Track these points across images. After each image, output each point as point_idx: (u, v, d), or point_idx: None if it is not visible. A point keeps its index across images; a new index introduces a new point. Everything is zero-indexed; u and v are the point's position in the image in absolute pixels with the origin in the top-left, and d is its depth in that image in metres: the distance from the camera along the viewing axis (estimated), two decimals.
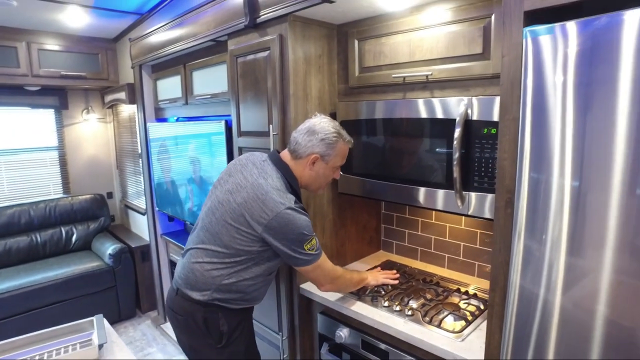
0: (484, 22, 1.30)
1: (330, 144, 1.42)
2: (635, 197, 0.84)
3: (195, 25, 2.14)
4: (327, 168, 1.47)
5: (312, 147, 1.42)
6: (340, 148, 1.45)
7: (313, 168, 1.45)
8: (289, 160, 1.48)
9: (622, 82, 0.84)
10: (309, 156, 1.43)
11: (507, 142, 1.03)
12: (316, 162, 1.44)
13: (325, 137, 1.41)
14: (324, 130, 1.42)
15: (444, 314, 1.47)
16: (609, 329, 0.90)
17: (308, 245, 1.38)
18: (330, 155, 1.44)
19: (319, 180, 1.50)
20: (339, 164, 1.49)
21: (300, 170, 1.47)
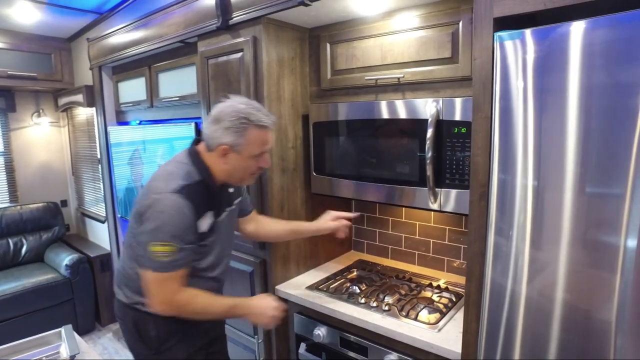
0: (453, 28, 1.38)
1: (238, 132, 1.21)
2: (585, 195, 0.94)
3: (163, 26, 2.09)
4: (242, 159, 1.25)
5: (219, 138, 1.23)
6: (253, 134, 1.23)
7: (226, 161, 1.26)
8: (204, 150, 1.30)
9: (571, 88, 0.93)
10: (218, 148, 1.24)
11: (480, 139, 1.10)
12: (227, 154, 1.24)
13: (231, 125, 1.21)
14: (228, 117, 1.21)
15: (419, 307, 1.53)
16: (567, 312, 0.99)
17: (156, 248, 1.15)
18: (242, 144, 1.23)
19: (237, 174, 1.30)
20: (256, 152, 1.26)
21: (214, 163, 1.28)
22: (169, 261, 1.16)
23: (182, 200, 1.17)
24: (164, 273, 1.18)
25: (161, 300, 1.21)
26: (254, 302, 1.36)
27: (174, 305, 1.22)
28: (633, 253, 0.88)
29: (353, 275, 1.91)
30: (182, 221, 1.17)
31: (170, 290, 1.20)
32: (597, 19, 0.88)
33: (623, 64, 0.86)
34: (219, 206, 1.34)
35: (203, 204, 1.24)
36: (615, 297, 0.91)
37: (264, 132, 1.26)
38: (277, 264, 1.80)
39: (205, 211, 1.26)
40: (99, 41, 2.68)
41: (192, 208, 1.19)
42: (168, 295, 1.20)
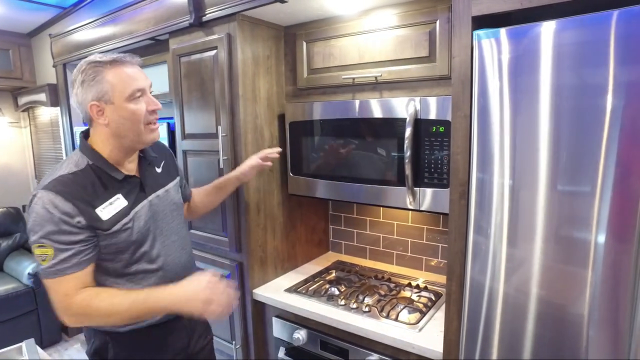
0: (430, 27, 1.38)
1: (95, 80, 1.06)
2: (556, 192, 0.96)
3: (132, 22, 2.01)
4: (120, 107, 1.08)
5: (84, 99, 1.08)
6: (111, 75, 1.06)
7: (105, 120, 1.09)
8: (91, 134, 1.16)
9: (543, 89, 0.94)
10: (90, 112, 1.08)
11: (459, 138, 1.10)
12: (101, 110, 1.08)
13: (85, 78, 1.06)
14: (79, 72, 1.08)
15: (399, 307, 1.52)
16: (542, 307, 1.01)
17: (35, 251, 1.03)
18: (107, 91, 1.06)
19: (127, 130, 1.11)
20: (128, 91, 1.07)
21: (97, 134, 1.12)
22: (48, 266, 1.02)
23: (50, 195, 1.02)
24: (50, 279, 1.03)
25: (59, 308, 1.05)
26: (178, 288, 1.07)
27: (73, 311, 1.04)
28: (601, 246, 0.90)
29: (332, 276, 1.89)
30: (50, 219, 1.01)
31: (63, 295, 1.04)
32: (566, 19, 0.90)
33: (590, 66, 0.88)
34: (134, 191, 1.17)
35: (98, 190, 1.09)
36: (587, 292, 0.94)
37: (122, 68, 1.08)
38: (254, 267, 1.76)
39: (105, 197, 1.09)
40: (62, 37, 2.55)
41: (67, 200, 1.02)
42: (63, 301, 1.04)
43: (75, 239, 1.04)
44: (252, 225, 1.73)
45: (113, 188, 1.12)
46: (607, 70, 0.86)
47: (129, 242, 1.13)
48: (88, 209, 1.05)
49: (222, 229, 1.78)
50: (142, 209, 1.17)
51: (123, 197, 1.13)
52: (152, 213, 1.20)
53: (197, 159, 1.82)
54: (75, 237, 1.04)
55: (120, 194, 1.13)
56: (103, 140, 1.12)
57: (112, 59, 1.08)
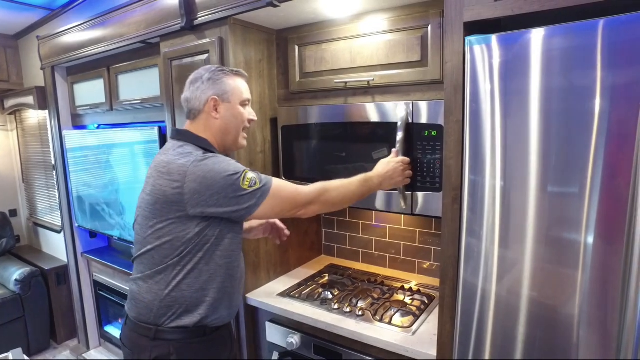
0: (422, 32, 1.39)
1: (220, 80, 1.25)
2: (546, 193, 0.97)
3: (122, 25, 1.99)
4: (234, 107, 1.27)
5: (204, 92, 1.24)
6: (233, 81, 1.28)
7: (218, 114, 1.26)
8: (190, 127, 1.29)
9: (533, 92, 0.96)
10: (207, 104, 1.25)
11: (452, 143, 1.11)
12: (218, 105, 1.25)
13: (210, 76, 1.25)
14: (204, 72, 1.27)
15: (392, 311, 1.53)
16: (533, 308, 1.03)
17: (245, 183, 1.15)
18: (227, 91, 1.26)
19: (232, 125, 1.28)
20: (243, 98, 1.29)
21: (205, 126, 1.27)
22: (261, 178, 1.19)
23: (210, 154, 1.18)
24: (274, 186, 1.19)
25: (302, 200, 1.23)
26: (380, 169, 1.36)
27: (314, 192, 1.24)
28: (590, 247, 0.92)
29: (325, 280, 1.89)
30: (227, 159, 1.18)
31: (293, 188, 1.24)
32: (555, 27, 0.92)
33: (578, 70, 0.90)
34: None
35: None
36: (578, 293, 0.95)
37: (242, 80, 1.31)
38: (247, 272, 1.74)
39: None
40: (51, 39, 2.52)
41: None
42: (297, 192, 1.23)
43: None
44: None
45: None
46: (595, 74, 0.88)
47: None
48: None
49: None
50: None
51: None
52: None
53: None
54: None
55: None
56: (212, 134, 1.27)
57: (237, 70, 1.31)
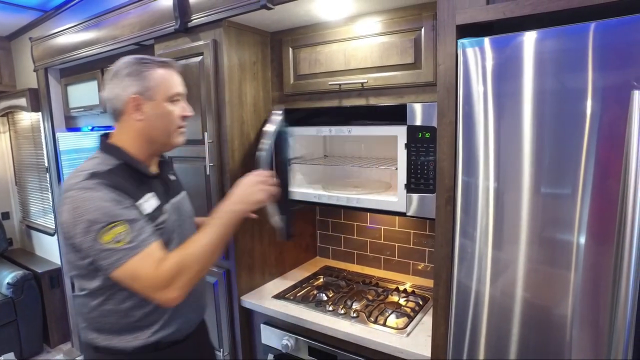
0: (415, 35, 1.40)
1: (141, 74, 1.08)
2: (540, 195, 0.98)
3: (116, 27, 1.99)
4: (160, 105, 1.10)
5: (123, 91, 1.07)
6: (158, 74, 1.10)
7: (142, 115, 1.09)
8: (114, 132, 1.15)
9: (526, 94, 0.97)
10: (127, 104, 1.08)
11: (445, 145, 1.11)
12: (140, 105, 1.08)
13: (130, 70, 1.08)
14: (123, 65, 1.09)
15: (387, 312, 1.53)
16: (526, 308, 1.03)
17: (108, 236, 0.95)
18: (151, 87, 1.08)
19: (161, 128, 1.12)
20: (171, 92, 1.12)
21: (126, 129, 1.11)
22: (129, 242, 0.96)
23: (93, 181, 0.99)
24: (135, 256, 0.97)
25: (155, 284, 0.98)
26: (235, 192, 1.16)
27: (170, 274, 0.98)
28: (583, 248, 0.93)
29: (319, 282, 1.89)
30: (105, 197, 0.97)
31: (156, 262, 0.98)
32: (547, 30, 0.93)
33: (570, 72, 0.91)
34: (160, 190, 1.16)
35: (132, 186, 1.07)
36: (570, 293, 0.96)
37: (169, 72, 1.13)
38: (241, 274, 1.75)
39: (140, 193, 1.07)
40: (44, 41, 2.50)
41: (111, 187, 0.99)
42: (156, 270, 0.98)
43: (134, 214, 1.01)
44: (240, 231, 1.72)
45: (146, 186, 1.12)
46: (586, 76, 0.89)
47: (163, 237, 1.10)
48: (131, 201, 1.03)
49: None
50: (170, 207, 1.17)
51: (156, 196, 1.13)
52: (176, 217, 1.19)
53: (183, 165, 1.80)
54: (134, 213, 1.01)
55: (153, 192, 1.13)
56: (133, 138, 1.11)
57: (162, 60, 1.13)
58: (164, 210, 1.14)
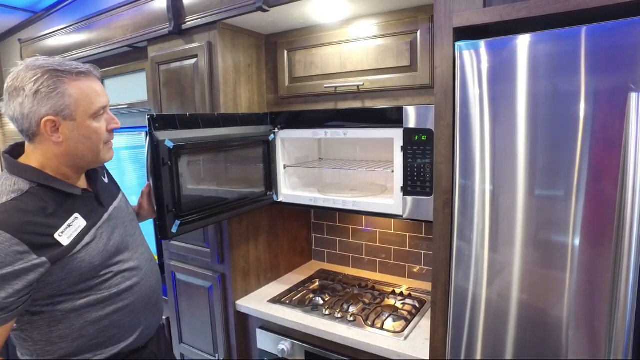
0: (411, 37, 1.40)
1: (54, 92, 0.90)
2: (534, 197, 0.98)
3: (109, 28, 1.97)
4: (83, 124, 0.95)
5: (35, 112, 0.90)
6: (75, 88, 0.93)
7: (61, 136, 0.94)
8: (29, 151, 0.98)
9: (520, 97, 0.97)
10: (41, 127, 0.92)
11: (442, 147, 1.11)
12: (57, 126, 0.93)
13: (39, 87, 0.89)
14: (28, 79, 0.89)
15: (384, 316, 1.52)
16: (523, 310, 1.03)
17: None
18: (69, 105, 0.92)
19: (85, 147, 0.98)
20: (94, 108, 0.96)
21: (46, 151, 0.96)
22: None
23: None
24: None
25: None
26: None
27: None
28: (578, 249, 0.93)
29: (315, 285, 1.88)
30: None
31: None
32: (540, 33, 0.94)
33: (564, 75, 0.91)
34: (89, 208, 1.04)
35: (47, 216, 0.93)
36: (566, 295, 0.96)
37: (88, 82, 0.96)
38: (236, 278, 1.73)
39: (60, 220, 0.95)
40: (34, 43, 2.47)
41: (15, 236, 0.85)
42: None
43: (12, 291, 0.85)
44: (235, 235, 1.70)
45: (68, 207, 0.98)
46: (579, 79, 0.89)
47: (94, 263, 1.00)
48: (43, 239, 0.90)
49: (204, 240, 1.75)
50: (103, 224, 1.06)
51: (81, 217, 1.00)
52: (114, 227, 1.09)
53: None
54: (13, 288, 0.85)
55: (77, 213, 1.00)
56: (50, 158, 0.97)
57: (78, 71, 0.95)
58: (93, 231, 1.02)
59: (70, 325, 1.00)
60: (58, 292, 0.96)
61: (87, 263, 0.99)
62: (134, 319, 1.10)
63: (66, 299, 0.98)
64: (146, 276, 1.16)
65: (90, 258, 1.00)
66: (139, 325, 1.12)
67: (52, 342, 1.00)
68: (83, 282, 0.99)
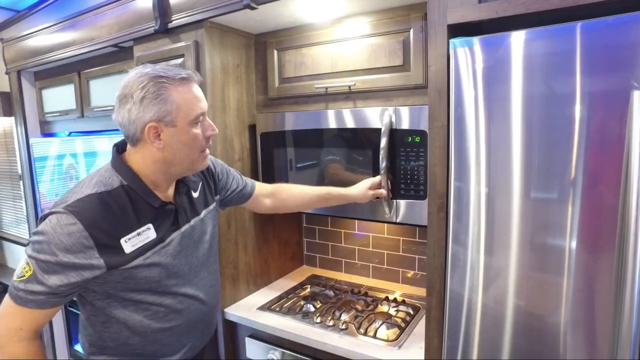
0: (404, 36, 1.36)
1: (159, 98, 0.92)
2: (530, 199, 0.95)
3: (94, 27, 1.91)
4: (182, 131, 0.96)
5: (139, 118, 0.92)
6: (178, 94, 0.94)
7: (162, 143, 0.95)
8: (130, 151, 1.01)
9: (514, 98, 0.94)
10: (145, 132, 0.93)
11: (436, 149, 1.07)
12: (159, 133, 0.94)
13: (145, 94, 0.91)
14: (136, 86, 0.92)
15: (377, 323, 1.47)
16: (519, 316, 1.00)
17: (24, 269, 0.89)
18: (171, 112, 0.93)
19: (183, 154, 0.99)
20: (193, 115, 0.97)
21: (144, 156, 0.98)
22: (17, 285, 0.88)
23: (69, 219, 0.88)
24: (10, 302, 0.89)
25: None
26: None
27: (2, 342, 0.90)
28: (575, 253, 0.90)
29: (306, 292, 1.82)
30: (55, 247, 0.87)
31: (8, 324, 0.90)
32: (534, 29, 0.90)
33: (559, 76, 0.89)
34: (166, 220, 1.04)
35: (122, 218, 0.95)
36: (563, 300, 0.93)
37: (189, 87, 0.97)
38: (225, 285, 1.67)
39: (130, 227, 0.96)
40: (16, 42, 2.40)
41: (86, 229, 0.89)
42: (3, 328, 0.90)
43: (66, 281, 0.89)
44: (223, 240, 1.65)
45: (145, 216, 0.99)
46: (574, 79, 0.87)
47: (150, 280, 1.00)
48: (110, 240, 0.93)
49: None
50: (171, 242, 1.04)
51: (154, 229, 1.00)
52: (183, 247, 1.08)
53: None
54: (68, 279, 0.89)
55: (151, 225, 1.00)
56: (147, 163, 0.98)
57: (181, 77, 0.95)
58: (159, 247, 1.02)
59: (119, 330, 1.02)
60: (114, 293, 0.98)
61: (142, 276, 0.99)
62: (177, 340, 1.11)
63: (119, 304, 1.00)
64: (200, 302, 1.14)
65: (147, 272, 1.00)
66: (182, 347, 1.12)
67: (103, 340, 1.03)
68: (136, 291, 1.00)
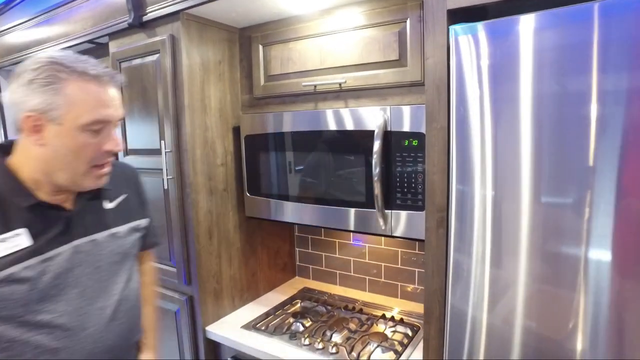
0: (399, 27, 1.22)
1: (48, 86, 0.75)
2: (540, 204, 0.85)
3: (68, 23, 1.78)
4: (69, 133, 0.78)
5: (21, 102, 0.76)
6: (75, 89, 0.77)
7: (41, 140, 0.78)
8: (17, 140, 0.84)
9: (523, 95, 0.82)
10: (23, 122, 0.77)
11: (435, 154, 0.93)
12: (39, 125, 0.77)
13: (35, 77, 0.75)
14: (32, 67, 0.76)
15: (371, 346, 1.33)
16: (529, 340, 0.88)
17: None
18: (59, 106, 0.76)
19: (62, 161, 0.81)
20: (88, 119, 0.78)
21: (26, 150, 0.82)
22: None
23: None
24: None
25: None
26: None
27: None
28: (594, 265, 0.78)
29: (296, 308, 1.68)
30: None
31: None
32: (544, 12, 0.78)
33: (572, 72, 0.77)
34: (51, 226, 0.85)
35: None
36: (580, 321, 0.80)
37: (98, 87, 0.79)
38: (206, 301, 1.53)
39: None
40: None
41: None
42: None
43: None
44: (204, 253, 1.51)
45: (15, 219, 0.81)
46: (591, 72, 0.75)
47: (19, 301, 0.79)
48: None
49: (169, 257, 1.55)
50: (57, 256, 0.84)
51: (27, 234, 0.81)
52: (74, 265, 0.87)
53: None
54: None
55: (23, 230, 0.81)
56: (26, 157, 0.82)
57: (93, 73, 0.79)
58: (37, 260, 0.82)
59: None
60: None
61: (7, 296, 0.78)
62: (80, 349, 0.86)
63: None
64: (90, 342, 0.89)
65: (10, 291, 0.78)
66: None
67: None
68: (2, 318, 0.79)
